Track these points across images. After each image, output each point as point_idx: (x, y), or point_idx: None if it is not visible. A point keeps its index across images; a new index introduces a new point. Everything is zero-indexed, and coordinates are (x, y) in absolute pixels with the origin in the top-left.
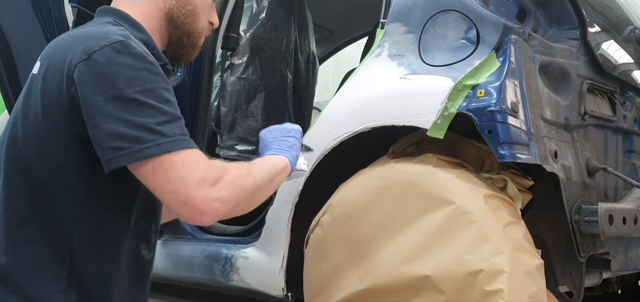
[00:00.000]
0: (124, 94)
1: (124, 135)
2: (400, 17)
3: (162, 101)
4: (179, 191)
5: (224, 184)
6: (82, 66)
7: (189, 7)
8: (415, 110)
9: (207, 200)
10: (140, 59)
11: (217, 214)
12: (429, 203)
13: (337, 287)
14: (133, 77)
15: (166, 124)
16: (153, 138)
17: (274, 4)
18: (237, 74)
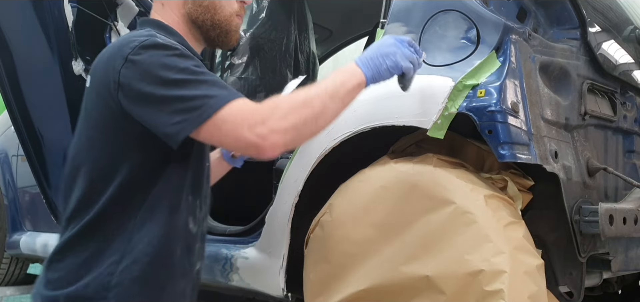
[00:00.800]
0: (166, 78)
1: (179, 110)
2: (400, 17)
3: (197, 74)
4: (237, 139)
5: (274, 119)
6: (124, 70)
7: (205, 3)
8: (415, 110)
9: (260, 136)
10: (167, 48)
11: (277, 146)
12: (429, 203)
13: (337, 287)
14: (167, 63)
15: (208, 88)
16: (203, 103)
17: (274, 4)
18: (237, 74)
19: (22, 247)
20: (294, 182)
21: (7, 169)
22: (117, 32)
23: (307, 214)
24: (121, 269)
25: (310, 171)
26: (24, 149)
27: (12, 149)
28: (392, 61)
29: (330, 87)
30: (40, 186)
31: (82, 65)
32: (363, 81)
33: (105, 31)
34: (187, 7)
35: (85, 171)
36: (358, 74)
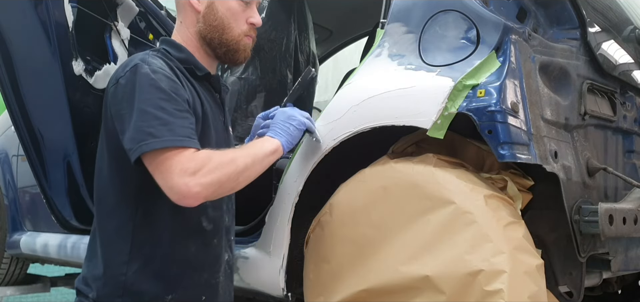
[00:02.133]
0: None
1: (132, 138)
2: (400, 17)
3: (158, 109)
4: (165, 180)
5: (204, 172)
6: (113, 89)
7: (214, 23)
8: (415, 110)
9: (187, 186)
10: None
11: (199, 197)
12: (429, 203)
13: (337, 287)
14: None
15: (163, 127)
16: (146, 139)
17: (274, 4)
18: (237, 74)
19: (22, 247)
20: (294, 182)
21: (7, 169)
22: (117, 32)
23: (307, 214)
24: (134, 270)
25: (310, 171)
26: (24, 149)
27: (12, 149)
28: (297, 121)
29: (252, 150)
30: (40, 186)
31: (82, 65)
32: (278, 145)
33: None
34: (198, 25)
35: (96, 176)
36: (273, 141)
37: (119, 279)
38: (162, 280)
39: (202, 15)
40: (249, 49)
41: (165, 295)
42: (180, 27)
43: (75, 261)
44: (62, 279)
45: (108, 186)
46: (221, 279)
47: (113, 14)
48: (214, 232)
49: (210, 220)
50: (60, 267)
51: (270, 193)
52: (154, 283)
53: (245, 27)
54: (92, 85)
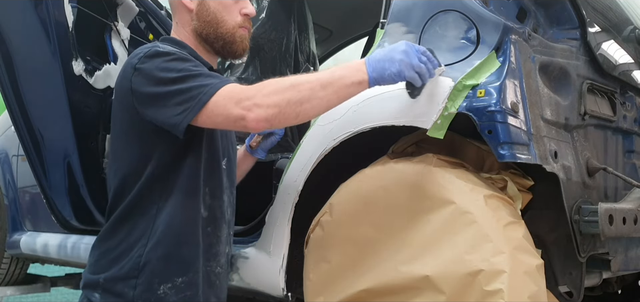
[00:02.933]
0: (165, 78)
1: (180, 102)
2: (400, 17)
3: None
4: (226, 115)
5: (259, 96)
6: (134, 78)
7: (207, 19)
8: (415, 110)
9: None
10: (166, 54)
11: (260, 118)
12: (429, 203)
13: (337, 287)
14: (167, 66)
15: (202, 80)
16: (198, 92)
17: (274, 4)
18: (237, 74)
19: (22, 247)
20: (294, 182)
21: (7, 169)
22: (117, 32)
23: (307, 214)
24: (148, 250)
25: (310, 171)
26: (24, 149)
27: (12, 149)
28: (396, 68)
29: (326, 77)
30: (40, 186)
31: (82, 65)
32: (365, 80)
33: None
34: (193, 23)
35: (117, 169)
36: (361, 72)
37: (136, 261)
38: (172, 262)
39: (195, 13)
40: (246, 40)
41: (176, 277)
42: (177, 28)
43: (75, 261)
44: (62, 279)
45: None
46: (218, 270)
47: (113, 14)
48: (209, 219)
49: (207, 207)
50: (60, 267)
51: (270, 193)
52: (164, 265)
53: (239, 18)
54: (92, 85)
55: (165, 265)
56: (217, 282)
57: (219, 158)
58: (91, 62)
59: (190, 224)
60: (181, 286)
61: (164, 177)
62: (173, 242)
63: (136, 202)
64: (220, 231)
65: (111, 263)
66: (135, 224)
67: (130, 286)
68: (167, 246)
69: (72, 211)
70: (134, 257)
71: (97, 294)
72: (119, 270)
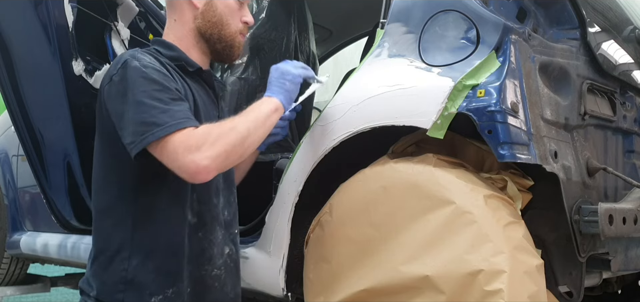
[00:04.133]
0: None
1: (134, 130)
2: (400, 17)
3: (154, 99)
4: (173, 162)
5: (207, 145)
6: (107, 87)
7: (213, 20)
8: (415, 111)
9: (194, 162)
10: (140, 71)
11: (210, 170)
12: (429, 203)
13: (337, 287)
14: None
15: (161, 114)
16: (151, 129)
17: (274, 4)
18: (237, 74)
19: (22, 247)
20: (294, 182)
21: (7, 169)
22: (117, 32)
23: (307, 214)
24: (134, 265)
25: (310, 171)
26: (24, 149)
27: (12, 149)
28: (291, 75)
29: (251, 114)
30: (40, 186)
31: (82, 66)
32: (278, 104)
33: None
34: (197, 22)
35: (95, 174)
36: (271, 100)
37: (120, 275)
38: (162, 273)
39: (200, 12)
40: (242, 47)
41: (167, 289)
42: (174, 25)
43: (75, 261)
44: (62, 279)
45: (104, 183)
46: (216, 273)
47: (113, 14)
48: (198, 225)
49: (195, 213)
50: (60, 267)
51: (270, 193)
52: (155, 276)
53: (241, 25)
54: (92, 85)
55: (155, 279)
56: (216, 285)
57: None
58: (91, 62)
59: (177, 234)
60: (171, 296)
61: (139, 187)
62: (161, 255)
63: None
64: (212, 234)
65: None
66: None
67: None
68: (155, 260)
69: (72, 211)
70: (117, 270)
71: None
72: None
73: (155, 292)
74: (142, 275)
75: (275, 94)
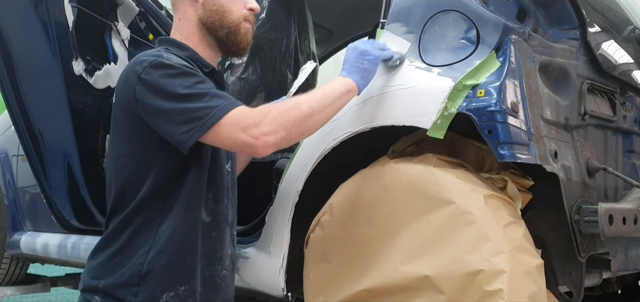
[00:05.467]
0: (173, 93)
1: (187, 119)
2: (400, 17)
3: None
4: (234, 141)
5: (266, 121)
6: (138, 87)
7: (214, 8)
8: (415, 110)
9: (254, 138)
10: (174, 67)
11: (268, 144)
12: (429, 203)
13: (337, 287)
14: (174, 81)
15: (209, 100)
16: (205, 113)
17: (274, 4)
18: (237, 74)
19: (22, 247)
20: (294, 182)
21: (7, 169)
22: (117, 32)
23: (307, 214)
24: (150, 258)
25: (310, 171)
26: (24, 149)
27: (12, 149)
28: (371, 56)
29: (319, 93)
30: (40, 186)
31: (82, 65)
32: (352, 85)
33: (105, 31)
34: (199, 13)
35: (118, 176)
36: (346, 81)
37: (137, 269)
38: (175, 271)
39: (201, 4)
40: (249, 35)
41: (179, 286)
42: (180, 24)
43: (76, 261)
44: (62, 279)
45: (135, 182)
46: (224, 273)
47: (113, 14)
48: (212, 225)
49: (210, 212)
50: (60, 267)
51: (270, 193)
52: (168, 273)
53: (245, 11)
54: (92, 85)
55: (169, 274)
56: (222, 285)
57: (223, 163)
58: (91, 62)
59: (193, 231)
60: (183, 294)
61: (167, 186)
62: (176, 251)
63: (138, 210)
64: (223, 235)
65: (112, 269)
66: (137, 231)
67: (132, 292)
68: (171, 255)
69: (72, 211)
70: (134, 264)
71: (97, 297)
72: (119, 277)
73: (167, 289)
74: (157, 270)
75: (350, 74)
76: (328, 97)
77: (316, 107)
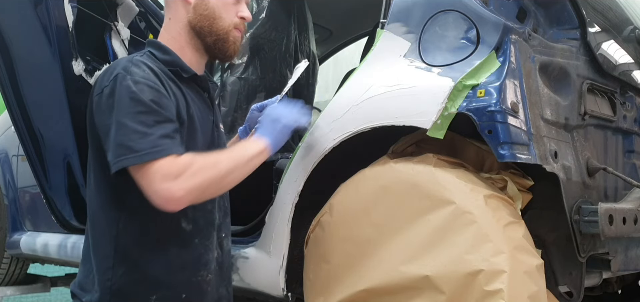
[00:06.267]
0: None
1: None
2: (400, 17)
3: (138, 122)
4: (148, 187)
5: (186, 176)
6: (96, 97)
7: (205, 13)
8: (415, 110)
9: (169, 191)
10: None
11: (182, 201)
12: (429, 203)
13: (337, 287)
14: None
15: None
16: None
17: (274, 4)
18: (237, 74)
19: (22, 247)
20: (294, 182)
21: (7, 169)
22: (117, 32)
23: (307, 214)
24: (119, 275)
25: (310, 171)
26: (24, 149)
27: (12, 149)
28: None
29: (236, 153)
30: (40, 186)
31: (82, 66)
32: (264, 147)
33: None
34: (189, 15)
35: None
36: (260, 142)
37: (106, 284)
38: (145, 282)
39: (193, 6)
40: (238, 43)
41: (150, 296)
42: (169, 24)
43: (75, 261)
44: (62, 279)
45: (93, 190)
46: (209, 277)
47: (113, 14)
48: (194, 232)
49: (190, 220)
50: (60, 267)
51: (270, 193)
52: (138, 286)
53: (236, 19)
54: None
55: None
56: (209, 289)
57: None
58: (91, 62)
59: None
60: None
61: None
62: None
63: (96, 219)
64: (208, 240)
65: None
66: (96, 242)
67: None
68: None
69: (72, 211)
70: (103, 280)
71: None
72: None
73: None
74: (126, 285)
75: (265, 136)
76: (244, 158)
77: (232, 167)
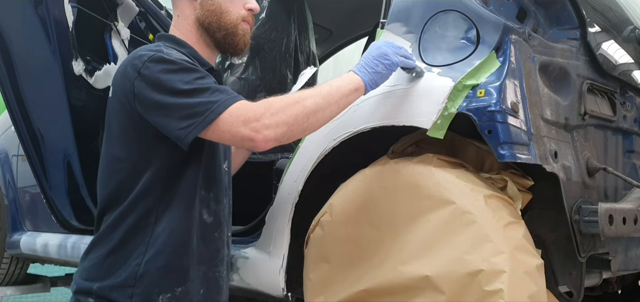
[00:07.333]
0: (173, 89)
1: (186, 115)
2: (400, 17)
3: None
4: (234, 135)
5: (267, 115)
6: (137, 82)
7: (212, 7)
8: (415, 110)
9: (255, 131)
10: (172, 62)
11: (268, 139)
12: (429, 203)
13: (337, 287)
14: (174, 76)
15: (210, 95)
16: (206, 108)
17: (274, 4)
18: (237, 74)
19: (22, 247)
20: (294, 182)
21: (7, 169)
22: (118, 32)
23: (307, 214)
24: (147, 260)
25: (310, 171)
26: (24, 149)
27: (12, 149)
28: (388, 61)
29: (325, 89)
30: (40, 186)
31: (82, 65)
32: (360, 85)
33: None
34: (196, 12)
35: (113, 171)
36: (355, 79)
37: (133, 270)
38: (172, 272)
39: (199, 3)
40: (247, 35)
41: (175, 287)
42: (178, 21)
43: (76, 261)
44: (62, 279)
45: (129, 180)
46: (223, 273)
47: (113, 14)
48: (214, 225)
49: (211, 212)
50: (60, 267)
51: (270, 193)
52: (165, 275)
53: (244, 12)
54: (92, 85)
55: (165, 275)
56: (223, 286)
57: (221, 162)
58: (91, 62)
59: (192, 232)
60: (180, 296)
61: (163, 184)
62: (174, 252)
63: (132, 209)
64: (224, 235)
65: (106, 270)
66: (131, 231)
67: (127, 294)
68: (168, 256)
69: (72, 211)
70: (131, 265)
71: (90, 299)
72: (115, 279)
73: (163, 290)
74: (152, 273)
75: (362, 73)
76: (334, 95)
77: (321, 103)
